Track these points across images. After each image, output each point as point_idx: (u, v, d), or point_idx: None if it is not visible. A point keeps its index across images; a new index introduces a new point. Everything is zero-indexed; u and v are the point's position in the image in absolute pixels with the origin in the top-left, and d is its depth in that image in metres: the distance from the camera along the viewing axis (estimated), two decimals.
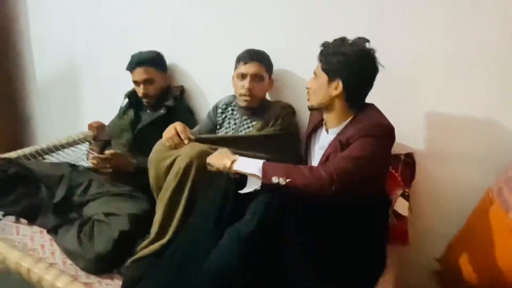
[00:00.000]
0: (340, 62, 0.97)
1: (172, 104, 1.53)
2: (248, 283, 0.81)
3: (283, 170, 0.86)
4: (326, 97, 1.02)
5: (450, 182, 1.23)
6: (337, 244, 0.89)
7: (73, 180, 1.36)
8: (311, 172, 0.85)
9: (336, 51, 0.99)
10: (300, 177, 0.85)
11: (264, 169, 0.87)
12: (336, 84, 0.99)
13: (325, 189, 0.83)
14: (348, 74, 0.97)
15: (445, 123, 1.21)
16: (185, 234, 0.99)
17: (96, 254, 1.06)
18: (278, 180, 0.84)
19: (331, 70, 1.00)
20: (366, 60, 0.98)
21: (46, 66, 2.20)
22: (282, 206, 0.83)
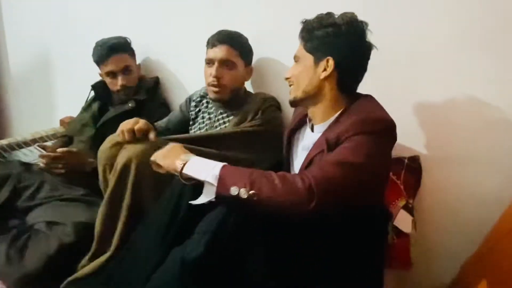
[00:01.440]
0: (329, 35, 0.78)
1: (142, 97, 1.35)
2: None
3: (247, 178, 0.65)
4: (314, 82, 0.82)
5: (463, 190, 1.02)
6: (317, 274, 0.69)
7: (21, 180, 1.18)
8: (284, 182, 0.64)
9: (322, 24, 0.80)
10: (269, 188, 0.64)
11: (222, 176, 0.66)
12: (325, 63, 0.79)
13: (301, 206, 0.62)
14: (340, 48, 0.78)
15: (456, 121, 1.00)
16: (128, 251, 0.81)
17: (24, 273, 0.87)
18: (239, 191, 0.63)
19: (317, 48, 0.81)
20: (360, 30, 0.79)
21: (20, 60, 2.09)
22: (241, 224, 0.63)
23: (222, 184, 0.64)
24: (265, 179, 0.64)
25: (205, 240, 0.60)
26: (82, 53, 1.75)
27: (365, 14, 0.84)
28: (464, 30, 0.94)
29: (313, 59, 0.82)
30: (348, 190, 0.67)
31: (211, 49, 1.10)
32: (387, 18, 1.01)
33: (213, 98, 1.12)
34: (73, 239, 0.96)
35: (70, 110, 1.90)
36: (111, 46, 1.31)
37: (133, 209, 0.88)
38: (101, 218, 0.90)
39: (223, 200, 0.66)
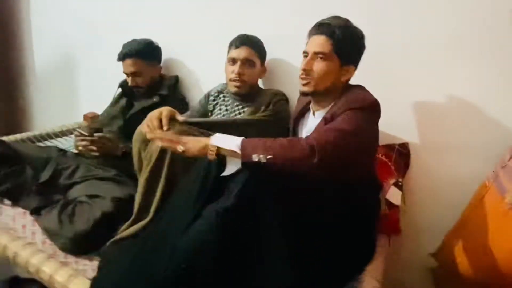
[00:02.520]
0: (356, 49, 0.96)
1: (166, 93, 1.52)
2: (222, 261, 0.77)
3: (262, 145, 0.81)
4: (336, 82, 0.97)
5: (446, 173, 1.19)
6: (319, 226, 0.84)
7: (60, 163, 1.34)
8: (292, 144, 0.81)
9: (353, 36, 0.95)
10: (281, 150, 0.79)
11: (243, 146, 0.82)
12: (347, 70, 0.96)
13: (307, 160, 0.77)
14: (358, 60, 0.97)
15: (440, 113, 1.17)
16: (163, 215, 0.96)
17: (74, 233, 1.03)
18: (259, 157, 0.79)
19: (346, 55, 0.95)
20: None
21: (45, 56, 2.22)
22: (260, 185, 0.78)
23: (245, 152, 0.80)
24: (277, 143, 0.81)
25: (234, 194, 0.76)
26: (105, 53, 1.92)
27: (363, 18, 1.01)
28: (449, 32, 1.10)
29: (340, 62, 0.95)
30: (342, 151, 0.82)
31: (235, 49, 1.28)
32: (384, 21, 1.18)
33: (234, 91, 1.30)
34: (112, 210, 1.11)
35: (92, 106, 2.07)
36: (127, 50, 1.48)
37: (168, 184, 1.03)
38: (141, 192, 1.06)
39: (247, 167, 0.81)
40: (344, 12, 1.21)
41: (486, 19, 1.05)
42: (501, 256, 0.87)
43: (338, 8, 1.22)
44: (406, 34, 1.17)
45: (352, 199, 0.89)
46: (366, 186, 0.95)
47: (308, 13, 1.29)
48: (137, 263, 0.85)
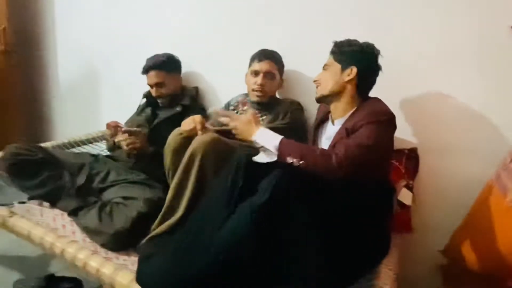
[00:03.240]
0: (355, 51, 1.08)
1: (188, 103, 1.63)
2: (257, 255, 0.86)
3: (298, 150, 0.94)
4: (338, 83, 1.10)
5: (453, 175, 1.29)
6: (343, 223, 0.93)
7: (93, 168, 1.45)
8: (323, 155, 0.93)
9: (350, 43, 1.10)
10: (313, 159, 0.92)
11: (281, 148, 0.95)
12: (350, 71, 1.08)
13: (334, 173, 0.90)
14: (361, 61, 1.08)
15: (447, 120, 1.27)
16: (198, 211, 1.05)
17: (115, 230, 1.13)
18: (293, 160, 0.91)
19: (345, 59, 1.10)
20: (376, 53, 1.09)
21: (68, 69, 2.35)
22: (292, 182, 0.87)
23: (281, 153, 0.92)
24: (311, 152, 0.93)
25: (269, 191, 0.85)
26: (126, 65, 2.05)
27: (373, 31, 1.13)
28: (455, 43, 1.21)
29: (340, 67, 1.10)
30: (365, 164, 0.95)
31: (258, 63, 1.40)
32: (390, 36, 1.28)
33: (255, 101, 1.41)
34: (146, 210, 1.21)
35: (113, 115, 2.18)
36: (150, 63, 1.60)
37: (197, 184, 1.13)
38: (172, 189, 1.16)
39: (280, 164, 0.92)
40: (354, 25, 1.34)
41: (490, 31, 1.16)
42: (505, 250, 0.96)
43: (349, 23, 1.36)
44: (414, 47, 1.28)
45: (370, 201, 1.00)
46: (382, 189, 1.05)
47: (320, 32, 1.43)
48: (177, 257, 0.94)
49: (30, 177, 1.33)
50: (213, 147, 1.14)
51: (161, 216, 1.16)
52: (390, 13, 1.30)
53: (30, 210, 1.31)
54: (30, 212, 1.30)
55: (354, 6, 1.36)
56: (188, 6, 1.75)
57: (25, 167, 1.33)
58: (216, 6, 1.66)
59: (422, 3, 1.24)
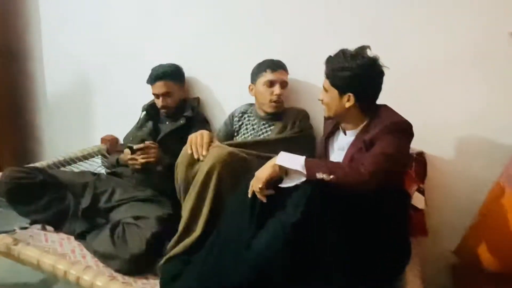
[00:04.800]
0: (348, 78, 1.04)
1: (191, 115, 1.60)
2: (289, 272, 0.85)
3: (325, 166, 0.91)
4: (340, 109, 1.09)
5: (458, 175, 1.32)
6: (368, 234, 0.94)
7: (97, 187, 1.40)
8: (351, 169, 0.92)
9: (341, 67, 1.05)
10: (342, 174, 0.90)
11: (307, 166, 0.92)
12: (348, 97, 1.07)
13: (365, 185, 0.90)
14: (358, 87, 1.05)
15: (451, 122, 1.31)
16: (219, 229, 1.03)
17: (131, 254, 1.09)
18: (323, 176, 0.89)
19: (340, 86, 1.07)
20: (372, 69, 1.04)
21: (56, 81, 2.23)
22: (323, 198, 0.88)
23: (310, 171, 0.90)
24: (338, 167, 0.92)
25: (300, 209, 0.84)
26: (121, 75, 1.98)
27: (379, 41, 1.12)
28: (458, 51, 1.24)
29: (338, 93, 1.07)
30: (390, 173, 0.95)
31: (272, 73, 1.38)
32: (395, 42, 1.31)
33: (272, 111, 1.40)
34: (159, 229, 1.18)
35: (105, 130, 2.11)
36: (158, 73, 1.57)
37: (215, 201, 1.11)
38: (189, 208, 1.13)
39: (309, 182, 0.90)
40: (357, 32, 1.35)
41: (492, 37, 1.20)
42: None
43: (352, 30, 1.37)
44: (419, 52, 1.30)
45: (391, 209, 1.01)
46: (400, 196, 1.07)
47: (326, 38, 1.44)
48: (205, 277, 0.92)
49: (31, 201, 1.27)
50: (230, 162, 1.12)
51: (178, 235, 1.13)
52: (395, 19, 1.32)
53: (34, 235, 1.25)
54: (34, 238, 1.24)
55: (357, 13, 1.37)
56: (187, 14, 1.70)
57: (24, 191, 1.26)
58: (217, 14, 1.63)
59: (427, 10, 1.27)
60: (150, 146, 1.36)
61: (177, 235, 1.13)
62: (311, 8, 1.44)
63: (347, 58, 1.05)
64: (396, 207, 1.06)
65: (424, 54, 1.30)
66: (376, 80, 1.08)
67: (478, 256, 1.16)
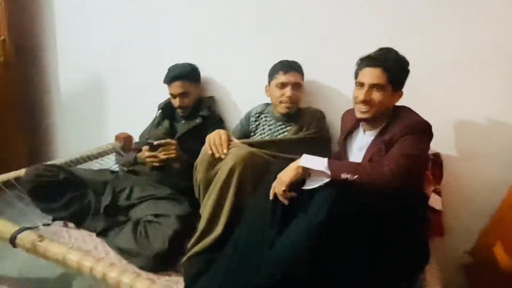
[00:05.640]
0: (404, 75, 1.08)
1: (206, 114, 1.61)
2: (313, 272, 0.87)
3: (348, 167, 0.93)
4: (389, 107, 1.10)
5: (474, 177, 1.33)
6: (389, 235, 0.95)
7: (116, 185, 1.42)
8: (374, 169, 0.93)
9: (400, 64, 1.06)
10: (366, 173, 0.92)
11: (331, 167, 0.93)
12: (400, 95, 1.10)
13: (389, 184, 0.90)
14: (404, 83, 1.09)
15: (467, 123, 1.31)
16: (242, 228, 1.05)
17: (155, 251, 1.11)
18: (347, 176, 0.90)
19: (397, 82, 1.07)
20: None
21: (70, 79, 2.26)
22: (348, 199, 0.89)
23: (334, 172, 0.91)
24: (361, 167, 0.93)
25: (325, 210, 0.85)
26: (135, 74, 1.99)
27: (394, 40, 1.14)
28: (472, 49, 1.24)
29: (391, 90, 1.07)
30: (412, 173, 0.97)
31: (284, 75, 1.39)
32: (412, 43, 1.30)
33: (284, 112, 1.41)
34: (180, 227, 1.20)
35: (118, 128, 2.13)
36: (175, 73, 1.58)
37: (236, 200, 1.13)
38: (210, 206, 1.14)
39: (333, 183, 0.91)
40: (374, 34, 1.36)
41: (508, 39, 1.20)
42: None
43: (369, 32, 1.38)
44: (436, 53, 1.30)
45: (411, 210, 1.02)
46: (419, 198, 1.08)
47: (341, 40, 1.44)
48: (229, 276, 0.94)
49: (53, 198, 1.29)
50: (250, 161, 1.14)
51: (199, 234, 1.15)
52: (412, 19, 1.32)
53: (57, 232, 1.28)
54: (57, 234, 1.26)
55: (374, 15, 1.38)
56: (202, 13, 1.71)
57: (48, 189, 1.29)
58: (233, 13, 1.64)
59: (445, 9, 1.27)
60: (171, 142, 1.38)
61: (198, 234, 1.15)
62: (329, 8, 1.45)
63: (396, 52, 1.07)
64: (417, 208, 1.08)
65: (441, 53, 1.30)
66: None
67: (493, 257, 1.18)
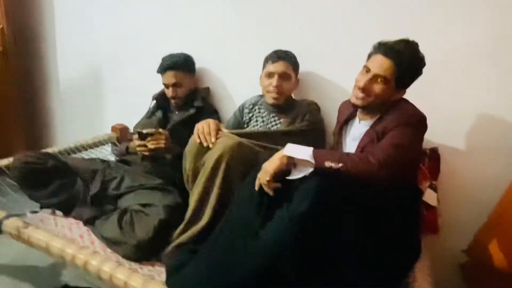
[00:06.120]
0: (414, 76, 1.03)
1: (201, 104, 1.59)
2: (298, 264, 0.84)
3: (333, 156, 0.90)
4: (386, 99, 1.04)
5: (472, 173, 1.28)
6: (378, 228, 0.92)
7: (106, 174, 1.40)
8: (360, 158, 0.89)
9: (412, 63, 1.00)
10: (352, 162, 0.88)
11: (315, 156, 0.90)
12: (403, 93, 1.05)
13: (375, 174, 0.87)
14: (411, 83, 1.04)
15: (467, 117, 1.26)
16: (227, 219, 1.03)
17: (138, 240, 1.09)
18: (331, 164, 0.87)
19: (403, 80, 1.01)
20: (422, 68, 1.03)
21: (69, 70, 2.26)
22: (332, 188, 0.86)
23: (318, 160, 0.89)
24: (346, 156, 0.90)
25: (309, 199, 0.82)
26: (132, 65, 1.97)
27: (397, 29, 1.09)
28: (472, 42, 1.19)
29: (394, 86, 1.01)
30: (401, 163, 0.93)
31: (272, 64, 1.36)
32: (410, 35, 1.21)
33: (271, 103, 1.38)
34: (167, 217, 1.17)
35: (115, 119, 2.12)
36: (168, 63, 1.55)
37: (223, 190, 1.10)
38: (196, 196, 1.12)
39: (317, 173, 0.88)
40: (373, 25, 1.31)
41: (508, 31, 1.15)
42: None
43: (368, 23, 1.34)
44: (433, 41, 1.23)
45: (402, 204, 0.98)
46: (411, 192, 1.04)
47: (338, 32, 1.40)
48: (211, 267, 0.91)
49: (41, 186, 1.28)
50: (238, 151, 1.11)
51: (185, 224, 1.13)
52: (411, 11, 1.27)
53: (44, 220, 1.27)
54: (44, 222, 1.25)
55: (373, 6, 1.33)
56: (199, 4, 1.69)
57: (36, 176, 1.28)
58: (229, 4, 1.61)
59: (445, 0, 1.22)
60: (161, 132, 1.36)
61: (183, 223, 1.13)
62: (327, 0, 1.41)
63: (416, 51, 1.01)
64: (409, 203, 1.04)
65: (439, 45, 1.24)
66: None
67: (490, 256, 1.13)
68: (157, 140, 1.35)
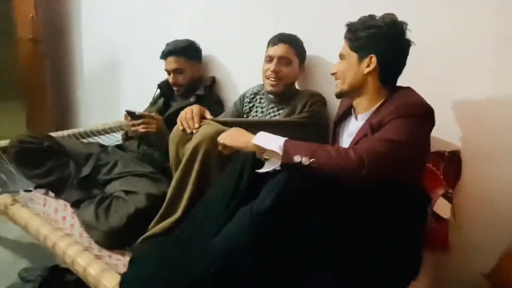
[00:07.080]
0: (372, 35, 0.90)
1: (202, 93, 1.53)
2: (256, 267, 0.73)
3: (307, 149, 0.78)
4: (358, 77, 0.94)
5: (499, 184, 1.06)
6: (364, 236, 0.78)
7: (100, 159, 1.39)
8: (339, 152, 0.76)
9: (366, 26, 0.92)
10: (326, 157, 0.76)
11: (286, 147, 0.79)
12: (369, 60, 0.91)
13: (354, 173, 0.73)
14: (382, 47, 0.89)
15: (496, 118, 1.05)
16: (196, 213, 0.95)
17: (110, 227, 1.05)
18: (301, 159, 0.75)
19: (361, 47, 0.92)
20: (400, 30, 0.89)
21: (92, 58, 2.36)
22: (302, 185, 0.74)
23: (287, 153, 0.77)
24: (323, 150, 0.77)
25: (271, 197, 0.71)
26: (146, 55, 1.99)
27: (408, 17, 0.94)
28: (499, 30, 0.99)
29: (357, 57, 0.93)
30: (392, 163, 0.77)
31: (272, 47, 1.25)
32: (425, 18, 1.08)
33: (269, 90, 1.27)
34: (145, 205, 1.12)
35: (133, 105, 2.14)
36: (170, 48, 1.52)
37: (199, 182, 1.03)
38: (172, 187, 1.06)
39: (286, 167, 0.77)
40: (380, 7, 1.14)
41: None
42: None
43: (375, 5, 1.16)
44: (452, 35, 1.07)
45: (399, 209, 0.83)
46: (413, 196, 0.87)
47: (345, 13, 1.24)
48: (167, 263, 0.84)
49: (35, 165, 1.29)
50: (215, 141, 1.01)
51: (160, 215, 1.07)
52: None
53: (34, 199, 1.28)
54: (33, 201, 1.27)
55: None
56: None
57: (30, 155, 1.29)
58: None
59: None
60: (153, 116, 1.32)
61: (158, 215, 1.07)
62: None
63: (373, 17, 0.92)
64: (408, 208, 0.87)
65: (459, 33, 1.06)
66: (404, 47, 0.92)
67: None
68: (149, 124, 1.31)
